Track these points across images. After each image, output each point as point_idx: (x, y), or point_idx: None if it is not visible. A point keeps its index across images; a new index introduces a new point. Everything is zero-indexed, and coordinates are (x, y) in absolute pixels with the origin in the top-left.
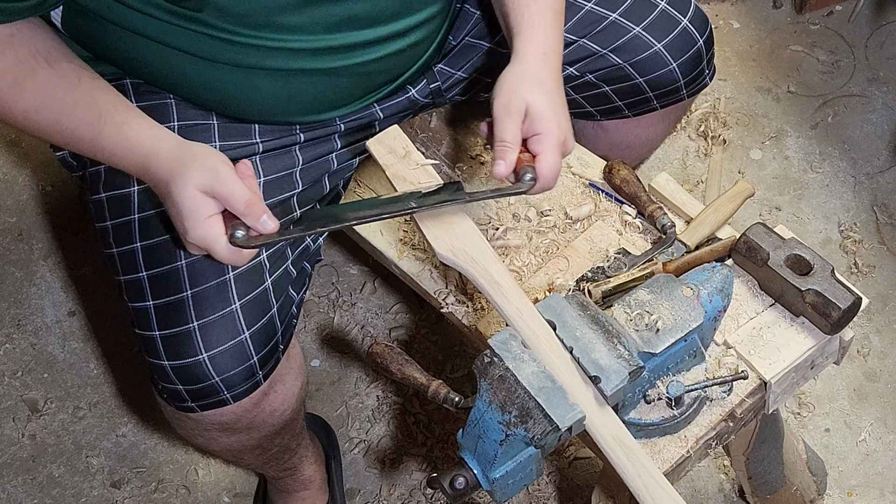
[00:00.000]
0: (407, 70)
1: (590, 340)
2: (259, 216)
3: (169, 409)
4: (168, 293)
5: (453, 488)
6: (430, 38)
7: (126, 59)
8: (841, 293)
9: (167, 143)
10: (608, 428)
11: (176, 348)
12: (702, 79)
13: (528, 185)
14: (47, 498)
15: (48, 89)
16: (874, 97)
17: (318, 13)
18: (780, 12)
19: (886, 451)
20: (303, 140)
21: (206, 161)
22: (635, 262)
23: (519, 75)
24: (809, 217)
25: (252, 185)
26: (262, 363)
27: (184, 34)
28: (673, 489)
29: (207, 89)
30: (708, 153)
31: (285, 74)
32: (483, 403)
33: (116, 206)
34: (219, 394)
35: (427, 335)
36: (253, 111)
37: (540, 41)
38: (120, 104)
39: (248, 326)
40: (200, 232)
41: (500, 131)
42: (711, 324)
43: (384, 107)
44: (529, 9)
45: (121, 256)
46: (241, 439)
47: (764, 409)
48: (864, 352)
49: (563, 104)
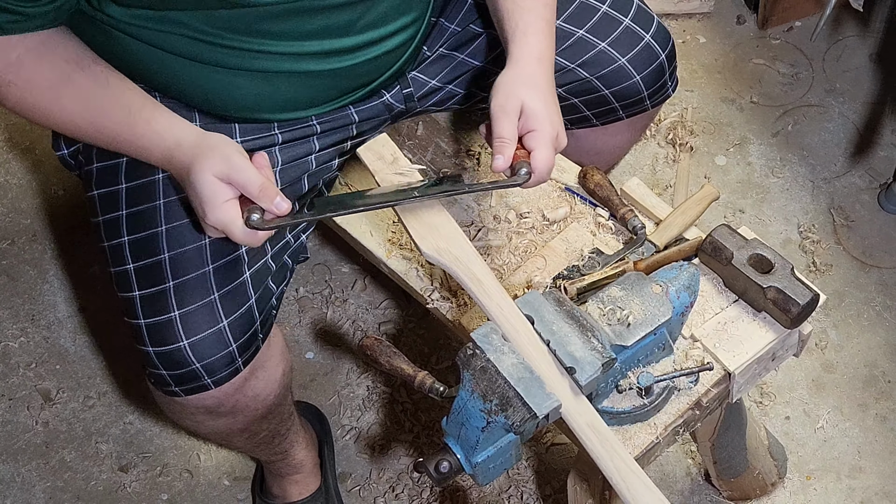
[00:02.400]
0: (381, 75)
1: (565, 334)
2: (273, 199)
3: (157, 393)
4: (152, 283)
5: (438, 472)
6: (404, 46)
7: (111, 56)
8: (800, 290)
9: (189, 134)
10: (583, 416)
11: (159, 335)
12: (664, 90)
13: (524, 179)
14: (59, 481)
15: (83, 93)
16: (831, 107)
17: (298, 22)
18: (744, 28)
19: (842, 437)
20: (281, 141)
21: (223, 150)
22: (608, 261)
23: (514, 77)
24: (771, 219)
25: (267, 174)
26: (241, 350)
27: (169, 36)
28: (643, 473)
29: (190, 86)
30: (676, 159)
31: (266, 75)
32: (466, 393)
33: (106, 203)
34: (200, 379)
35: (414, 329)
36: (233, 108)
37: (533, 46)
38: (147, 101)
39: (226, 315)
40: (218, 215)
41: (498, 129)
42: (679, 319)
43: (359, 110)
44: (523, 18)
45: (111, 249)
46: (227, 423)
47: (728, 398)
48: (821, 345)
49: (556, 104)
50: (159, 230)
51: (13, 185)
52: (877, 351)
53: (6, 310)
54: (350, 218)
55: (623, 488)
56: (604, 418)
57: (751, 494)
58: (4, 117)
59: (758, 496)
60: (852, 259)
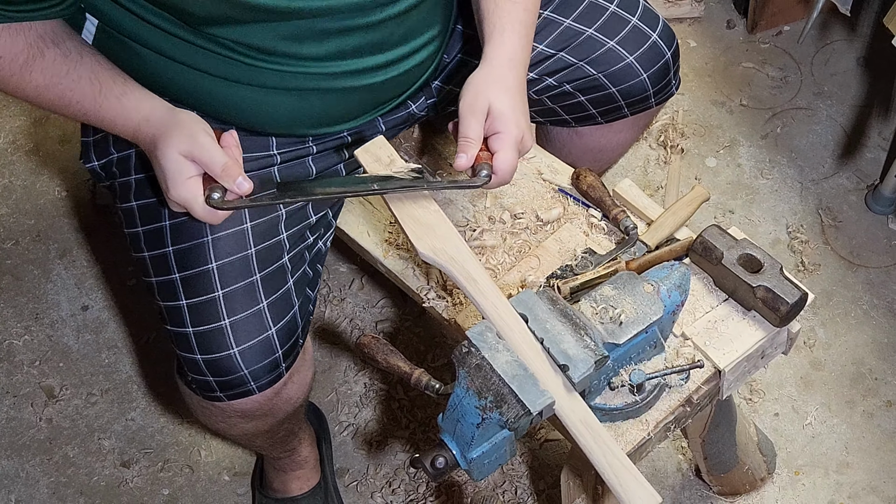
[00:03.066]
0: (410, 87)
1: (559, 332)
2: (235, 178)
3: (196, 398)
4: (200, 293)
5: (434, 467)
6: (431, 58)
7: (150, 77)
8: (789, 289)
9: (158, 109)
10: (576, 412)
11: (208, 343)
12: (669, 88)
13: (483, 181)
14: (63, 476)
15: (55, 68)
16: (819, 110)
17: (332, 44)
18: (734, 32)
19: (830, 433)
20: (315, 152)
21: (190, 128)
22: (600, 260)
23: (485, 78)
24: (760, 219)
25: (234, 154)
26: (285, 356)
27: (207, 56)
28: (635, 468)
29: (228, 106)
30: (667, 161)
31: (301, 93)
32: (461, 390)
33: (148, 214)
34: (245, 385)
35: (410, 327)
36: (270, 125)
37: (507, 48)
38: (118, 77)
39: (274, 323)
40: (180, 192)
41: (464, 128)
42: (670, 317)
43: (387, 120)
44: (501, 19)
45: (152, 260)
46: (257, 425)
47: (718, 395)
48: (810, 343)
49: (524, 106)
50: (206, 240)
51: (17, 186)
52: (864, 349)
53: (11, 308)
54: (348, 218)
55: (615, 483)
56: (596, 415)
57: (740, 489)
58: (9, 120)
59: (747, 491)
60: (840, 259)
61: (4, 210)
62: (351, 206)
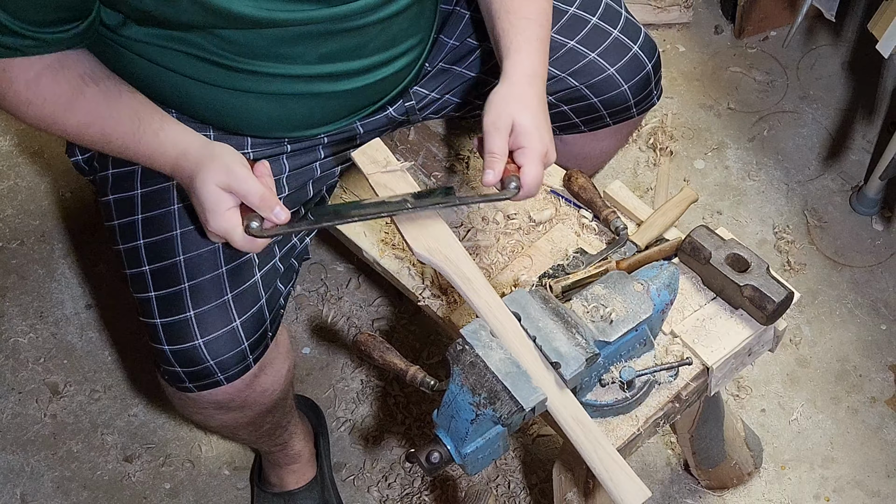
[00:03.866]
0: (389, 93)
1: (551, 330)
2: (272, 208)
3: (170, 389)
4: (168, 285)
5: (429, 462)
6: (410, 66)
7: (133, 79)
8: (775, 288)
9: (194, 144)
10: (567, 408)
11: (175, 334)
12: (650, 98)
13: (513, 193)
14: (66, 471)
15: (96, 106)
16: (805, 113)
17: (312, 45)
18: (721, 37)
19: (815, 429)
20: (289, 150)
21: (226, 160)
22: (591, 260)
23: (506, 95)
24: (747, 220)
25: (268, 183)
26: (252, 348)
27: (188, 60)
28: (625, 463)
29: (208, 109)
30: (656, 163)
31: (279, 98)
32: (456, 386)
33: (122, 208)
34: (213, 375)
35: (406, 325)
36: (247, 127)
37: (526, 65)
38: (156, 113)
39: (239, 315)
40: (220, 223)
41: (490, 144)
42: (659, 315)
43: (364, 123)
44: (517, 36)
45: (126, 252)
46: (235, 417)
47: (706, 391)
48: (795, 340)
49: (547, 121)
50: (174, 234)
51: (23, 187)
52: (848, 346)
53: (16, 307)
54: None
55: (606, 478)
56: (587, 411)
57: (728, 483)
58: (14, 123)
59: (735, 485)
60: (825, 259)
61: (10, 211)
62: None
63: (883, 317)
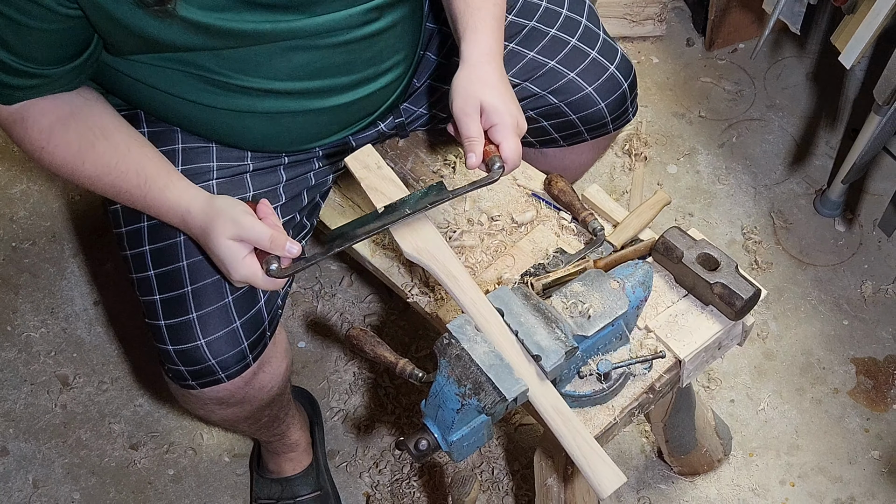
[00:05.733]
0: (378, 109)
1: (532, 325)
2: (283, 246)
3: (174, 386)
4: (172, 288)
5: (417, 449)
6: (397, 82)
7: (139, 103)
8: (743, 285)
9: (198, 201)
10: (548, 399)
11: (178, 335)
12: (625, 115)
13: (499, 173)
14: (76, 458)
15: (105, 160)
16: (772, 121)
17: (301, 59)
18: (693, 49)
19: (781, 418)
20: (286, 162)
21: (231, 213)
22: (570, 259)
23: (469, 77)
24: (717, 222)
25: (273, 222)
26: (251, 348)
27: (186, 81)
28: (602, 450)
29: (207, 128)
30: (632, 168)
31: (272, 116)
32: (442, 378)
33: (129, 216)
34: (215, 374)
35: (396, 321)
36: (245, 143)
37: (482, 44)
38: (163, 170)
39: (239, 317)
40: (241, 272)
41: (465, 129)
42: (634, 311)
43: (357, 138)
44: (473, 16)
45: (133, 258)
46: (235, 411)
47: (679, 383)
48: (763, 335)
49: (511, 93)
50: (178, 240)
51: (34, 191)
52: (812, 340)
53: (29, 303)
54: (339, 220)
55: (584, 464)
56: (567, 401)
57: (699, 470)
58: None
59: (705, 471)
60: (790, 258)
61: (23, 213)
62: (341, 209)
63: (845, 312)
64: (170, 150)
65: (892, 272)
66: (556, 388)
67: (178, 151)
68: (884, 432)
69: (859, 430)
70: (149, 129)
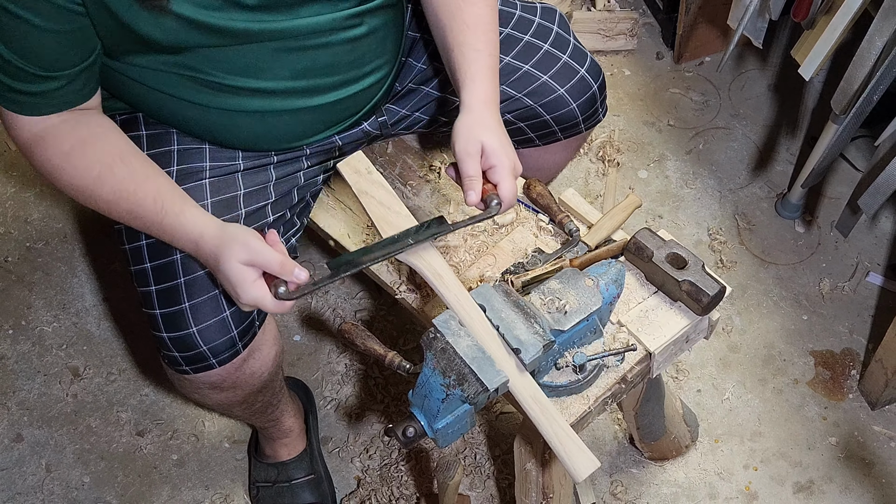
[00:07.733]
0: (361, 109)
1: (512, 320)
2: (291, 271)
3: (170, 371)
4: (167, 280)
5: (405, 436)
6: (378, 84)
7: (138, 104)
8: (709, 283)
9: (210, 227)
10: (527, 389)
11: (172, 323)
12: (596, 116)
13: (496, 210)
14: (86, 444)
15: (123, 185)
16: (736, 129)
17: (287, 60)
18: (662, 62)
19: (745, 407)
20: (276, 161)
21: (242, 238)
22: (548, 258)
23: (470, 122)
24: (685, 223)
25: (281, 249)
26: (241, 335)
27: (181, 83)
28: (577, 437)
29: (200, 127)
30: (605, 173)
31: (262, 115)
32: (429, 369)
33: None
34: (207, 359)
35: (385, 316)
36: (236, 142)
37: (481, 93)
38: (178, 197)
39: (228, 306)
40: (251, 295)
41: (465, 169)
42: (608, 307)
43: (342, 136)
44: (471, 67)
45: (132, 251)
46: (228, 396)
47: (649, 374)
48: (728, 329)
49: (508, 138)
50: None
51: (48, 194)
52: (774, 334)
53: (42, 300)
54: (331, 221)
55: (560, 450)
56: (544, 391)
57: (668, 455)
58: None
59: (674, 456)
60: (753, 257)
61: (36, 215)
62: (333, 210)
63: (804, 308)
64: (166, 150)
65: (849, 270)
66: (535, 378)
67: (173, 153)
68: (840, 420)
69: (818, 418)
70: (147, 132)
